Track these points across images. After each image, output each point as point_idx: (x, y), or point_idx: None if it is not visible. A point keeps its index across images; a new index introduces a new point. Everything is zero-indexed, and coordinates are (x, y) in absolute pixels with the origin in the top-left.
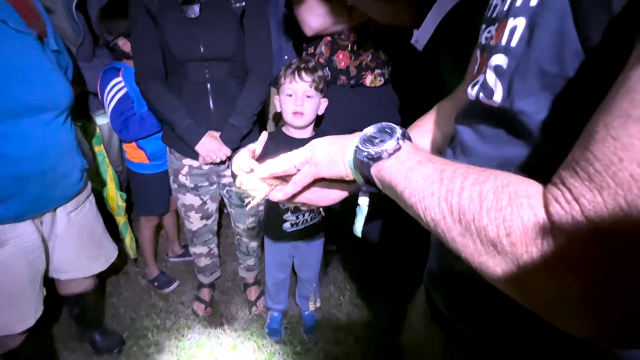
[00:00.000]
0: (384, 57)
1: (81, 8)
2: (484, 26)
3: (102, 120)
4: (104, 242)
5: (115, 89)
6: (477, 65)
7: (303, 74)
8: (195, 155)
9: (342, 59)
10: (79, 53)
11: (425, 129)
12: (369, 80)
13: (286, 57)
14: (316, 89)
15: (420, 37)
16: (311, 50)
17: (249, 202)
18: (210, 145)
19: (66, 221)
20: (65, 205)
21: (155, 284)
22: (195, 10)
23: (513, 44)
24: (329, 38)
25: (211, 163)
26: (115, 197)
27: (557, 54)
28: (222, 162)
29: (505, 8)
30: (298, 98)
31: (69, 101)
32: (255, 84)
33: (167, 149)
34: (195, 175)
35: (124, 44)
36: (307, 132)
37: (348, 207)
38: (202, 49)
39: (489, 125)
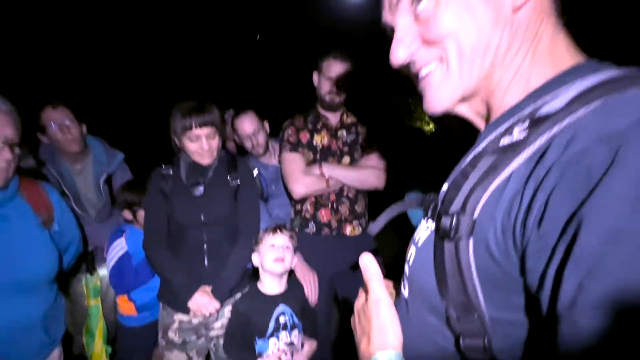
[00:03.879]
0: (360, 211)
1: (109, 181)
2: None
3: (103, 272)
4: None
5: (117, 249)
6: None
7: (283, 230)
8: (186, 310)
9: (324, 215)
10: (97, 214)
11: None
12: (348, 230)
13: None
14: (292, 244)
15: (372, 229)
16: (298, 207)
17: None
18: (202, 300)
19: None
20: None
21: None
22: (200, 190)
23: (410, 262)
24: (312, 199)
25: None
26: (101, 352)
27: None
28: (211, 315)
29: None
30: (279, 247)
31: (49, 276)
32: (244, 244)
33: (161, 305)
34: (185, 330)
35: (127, 214)
36: (281, 287)
37: None
38: (202, 218)
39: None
